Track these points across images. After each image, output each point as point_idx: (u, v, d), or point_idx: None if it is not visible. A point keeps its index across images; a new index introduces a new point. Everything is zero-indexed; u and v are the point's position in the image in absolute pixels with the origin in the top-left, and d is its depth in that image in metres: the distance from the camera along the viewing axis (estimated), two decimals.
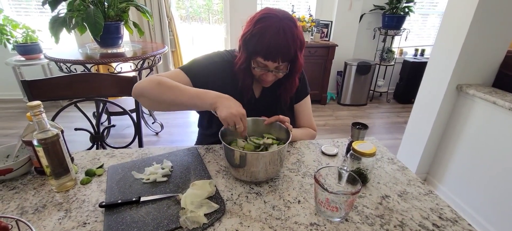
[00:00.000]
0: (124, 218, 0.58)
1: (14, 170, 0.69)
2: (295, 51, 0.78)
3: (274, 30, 0.74)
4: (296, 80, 0.91)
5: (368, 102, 3.59)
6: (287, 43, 0.75)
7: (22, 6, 3.16)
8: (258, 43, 0.75)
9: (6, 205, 0.63)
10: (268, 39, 0.74)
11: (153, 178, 0.71)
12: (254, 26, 0.77)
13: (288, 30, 0.75)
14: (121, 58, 1.93)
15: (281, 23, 0.74)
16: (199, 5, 4.79)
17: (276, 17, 0.75)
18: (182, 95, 0.73)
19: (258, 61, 0.79)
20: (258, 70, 0.81)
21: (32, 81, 1.02)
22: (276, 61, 0.77)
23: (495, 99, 1.41)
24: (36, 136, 0.61)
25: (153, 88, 0.74)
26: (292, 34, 0.76)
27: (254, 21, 0.77)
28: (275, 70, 0.81)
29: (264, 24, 0.75)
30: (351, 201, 0.58)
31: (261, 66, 0.80)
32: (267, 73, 0.82)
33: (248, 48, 0.79)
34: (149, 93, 0.75)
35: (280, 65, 0.80)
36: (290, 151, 0.89)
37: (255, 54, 0.78)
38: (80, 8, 1.80)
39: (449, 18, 1.61)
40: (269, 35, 0.74)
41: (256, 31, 0.75)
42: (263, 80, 0.85)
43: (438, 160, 1.86)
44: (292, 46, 0.76)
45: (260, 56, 0.77)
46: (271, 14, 0.76)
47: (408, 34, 3.44)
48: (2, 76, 3.19)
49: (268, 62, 0.78)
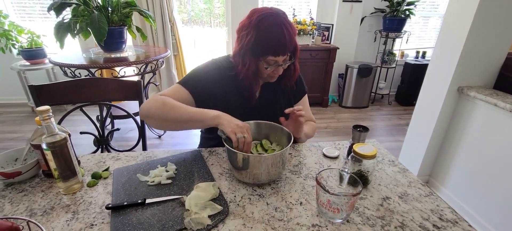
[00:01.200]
0: (130, 220, 0.59)
1: (23, 173, 0.71)
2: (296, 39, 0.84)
3: (277, 27, 0.78)
4: (297, 65, 0.94)
5: (370, 104, 3.59)
6: (290, 34, 0.80)
7: (27, 12, 3.21)
8: (266, 44, 0.79)
9: (16, 207, 0.64)
10: (275, 37, 0.78)
11: (158, 181, 0.72)
12: (256, 30, 0.78)
13: (286, 22, 0.80)
14: (125, 63, 1.95)
15: (279, 18, 0.79)
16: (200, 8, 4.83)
17: (272, 15, 0.79)
18: (184, 114, 0.77)
19: (268, 60, 0.82)
20: (270, 69, 0.84)
21: (39, 86, 1.05)
22: (285, 54, 0.82)
23: (496, 101, 1.42)
24: (45, 139, 0.63)
25: (158, 108, 0.78)
26: (290, 25, 0.81)
27: (253, 26, 0.79)
28: (284, 62, 0.85)
29: (265, 25, 0.78)
30: (352, 203, 0.59)
31: (272, 64, 0.83)
32: (278, 68, 0.85)
33: (256, 53, 0.81)
34: (154, 113, 0.79)
35: (287, 56, 0.84)
36: (292, 153, 0.90)
37: (265, 55, 0.81)
38: (84, 13, 1.83)
39: (450, 20, 1.62)
40: (275, 33, 0.78)
41: (261, 34, 0.78)
42: (273, 76, 0.89)
43: (440, 162, 1.86)
44: (293, 35, 0.82)
45: (271, 55, 0.80)
46: (265, 13, 0.79)
47: (409, 36, 3.45)
48: (7, 81, 3.24)
49: (279, 58, 0.82)
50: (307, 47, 3.10)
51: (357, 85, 3.33)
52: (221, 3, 3.87)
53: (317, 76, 3.27)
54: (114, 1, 1.95)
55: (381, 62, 3.52)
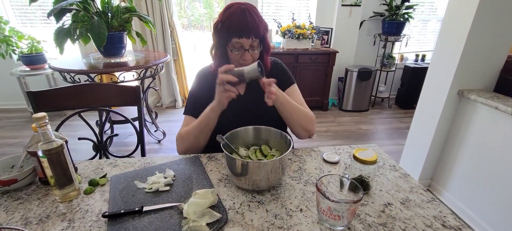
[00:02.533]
0: (127, 228, 0.58)
1: (19, 181, 0.70)
2: (263, 30, 0.87)
3: (240, 11, 0.83)
4: (267, 60, 0.97)
5: (370, 108, 3.58)
6: (255, 20, 0.84)
7: (28, 18, 3.23)
8: (230, 25, 0.83)
9: (11, 215, 0.63)
10: (237, 19, 0.83)
11: (156, 187, 0.71)
12: (223, 15, 0.85)
13: (252, 10, 0.85)
14: (124, 68, 1.96)
15: (245, 5, 0.85)
16: (200, 13, 4.86)
17: (239, 3, 0.86)
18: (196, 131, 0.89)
19: (233, 43, 0.85)
20: (235, 52, 0.87)
21: (37, 93, 1.04)
22: (249, 37, 0.84)
23: (497, 104, 1.41)
24: (41, 146, 0.62)
25: (181, 143, 0.93)
26: (256, 14, 0.85)
27: (222, 12, 0.87)
28: (251, 49, 0.87)
29: (230, 10, 0.84)
30: (353, 209, 0.57)
31: (238, 47, 0.86)
32: (245, 53, 0.87)
33: (222, 34, 0.86)
34: (183, 148, 0.93)
35: (254, 41, 0.86)
36: (292, 158, 0.89)
37: (229, 37, 0.84)
38: (84, 19, 1.84)
39: (449, 23, 1.62)
40: (237, 15, 0.83)
41: (226, 18, 0.84)
42: (242, 64, 0.88)
43: (442, 165, 1.84)
44: (260, 24, 0.85)
45: (235, 36, 0.83)
46: (234, 2, 0.87)
47: (408, 40, 3.46)
48: (7, 86, 3.24)
49: (243, 40, 0.84)
50: (306, 51, 3.10)
51: (357, 88, 3.32)
52: (221, 8, 3.89)
53: (317, 80, 3.26)
54: (114, 7, 1.96)
55: (381, 65, 3.52)
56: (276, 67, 1.02)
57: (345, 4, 3.17)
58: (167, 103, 3.51)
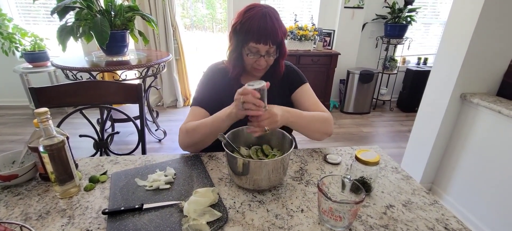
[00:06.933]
0: (126, 226, 0.58)
1: (20, 176, 0.70)
2: (282, 35, 0.85)
3: (261, 15, 0.81)
4: (282, 65, 0.96)
5: (371, 110, 3.58)
6: (274, 26, 0.82)
7: (31, 15, 3.24)
8: (249, 29, 0.81)
9: (11, 211, 0.63)
10: (257, 23, 0.81)
11: (156, 185, 0.71)
12: (243, 16, 0.84)
13: (273, 15, 0.83)
14: (126, 66, 1.96)
15: (266, 9, 0.83)
16: (203, 14, 4.86)
17: (260, 6, 0.84)
18: (205, 129, 0.83)
19: (250, 47, 0.84)
20: (251, 56, 0.86)
21: (39, 89, 1.04)
22: (267, 44, 0.83)
23: (500, 108, 1.40)
24: (42, 142, 0.62)
25: (186, 137, 0.86)
26: (276, 19, 0.83)
27: (242, 13, 0.85)
28: (266, 54, 0.86)
29: (251, 13, 0.83)
30: (355, 211, 0.57)
31: (254, 52, 0.85)
32: (260, 59, 0.86)
33: (239, 37, 0.85)
34: (186, 143, 0.87)
35: (271, 48, 0.85)
36: (293, 159, 0.89)
37: (246, 40, 0.83)
38: (87, 17, 1.84)
39: (452, 27, 1.62)
40: (258, 19, 0.81)
41: (245, 20, 0.82)
42: (256, 68, 0.89)
43: (443, 169, 1.83)
44: (279, 29, 0.83)
45: (253, 41, 0.82)
46: (254, 4, 0.86)
47: (410, 43, 3.45)
48: (10, 83, 3.26)
49: (260, 46, 0.83)
50: (308, 52, 3.10)
51: (358, 91, 3.32)
52: (224, 9, 3.90)
53: (318, 81, 3.26)
54: (117, 5, 1.97)
55: (383, 68, 3.51)
56: (287, 70, 1.01)
57: (348, 6, 3.17)
58: (168, 103, 3.51)
